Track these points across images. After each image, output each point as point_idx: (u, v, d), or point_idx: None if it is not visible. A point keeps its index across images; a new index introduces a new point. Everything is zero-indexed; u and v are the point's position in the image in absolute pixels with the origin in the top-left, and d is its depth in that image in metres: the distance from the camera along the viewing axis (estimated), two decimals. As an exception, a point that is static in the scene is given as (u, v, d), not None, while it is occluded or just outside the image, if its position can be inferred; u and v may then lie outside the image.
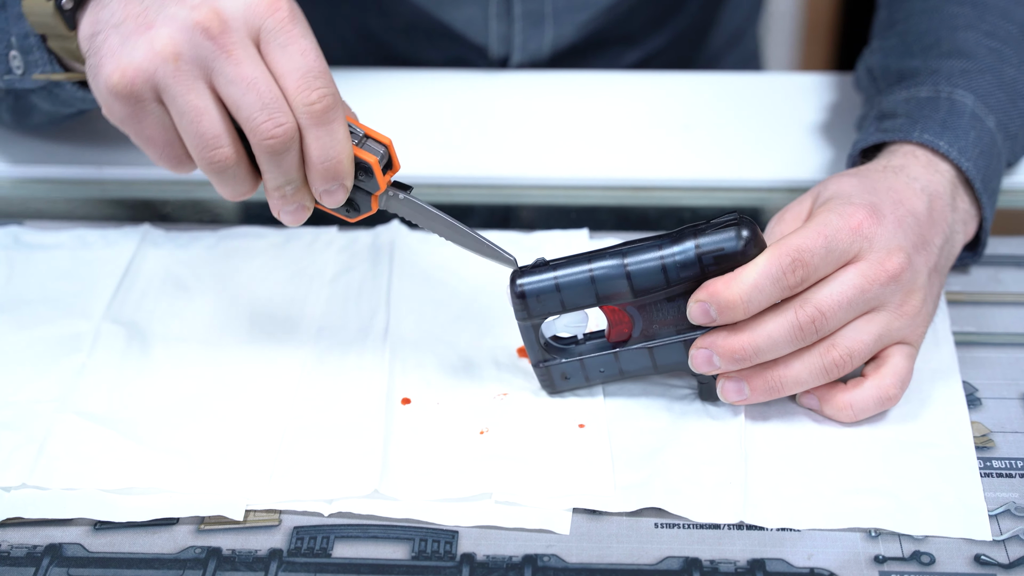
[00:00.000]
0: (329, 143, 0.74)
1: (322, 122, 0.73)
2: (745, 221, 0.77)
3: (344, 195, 0.76)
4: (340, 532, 0.75)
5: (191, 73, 0.72)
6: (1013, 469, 0.78)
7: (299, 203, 0.77)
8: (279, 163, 0.74)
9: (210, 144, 0.73)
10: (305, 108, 0.73)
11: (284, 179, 0.75)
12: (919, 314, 0.80)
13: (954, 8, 0.98)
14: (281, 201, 0.76)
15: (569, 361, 0.81)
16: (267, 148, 0.73)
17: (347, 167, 0.75)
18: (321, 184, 0.75)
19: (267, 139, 0.73)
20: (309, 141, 0.74)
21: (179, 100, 0.73)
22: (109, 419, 0.82)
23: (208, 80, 0.73)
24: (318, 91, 0.73)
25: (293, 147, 0.74)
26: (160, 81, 0.72)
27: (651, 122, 1.09)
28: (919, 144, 0.87)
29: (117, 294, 0.92)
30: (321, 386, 0.84)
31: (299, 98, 0.73)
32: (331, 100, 0.73)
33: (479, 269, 0.93)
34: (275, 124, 0.73)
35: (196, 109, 0.73)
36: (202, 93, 0.73)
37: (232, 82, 0.72)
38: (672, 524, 0.75)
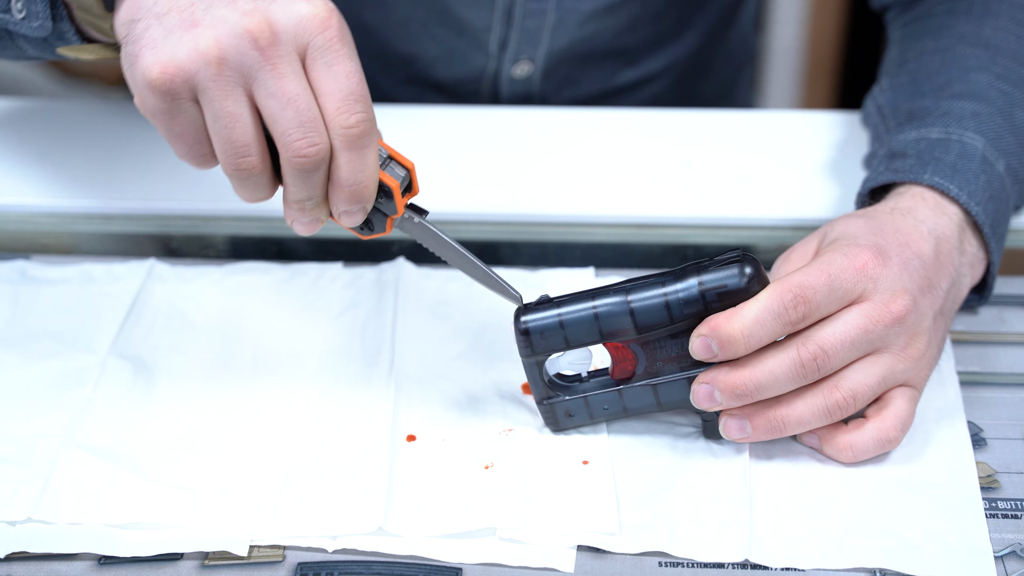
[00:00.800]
0: (359, 167, 0.74)
1: (356, 147, 0.73)
2: (748, 258, 0.77)
3: (363, 217, 0.77)
4: (344, 568, 0.75)
5: (232, 79, 0.72)
6: (1019, 510, 0.78)
7: (315, 216, 0.77)
8: (306, 180, 0.74)
9: (239, 152, 0.73)
10: (342, 130, 0.73)
11: (307, 195, 0.75)
12: (923, 357, 0.80)
13: (966, 49, 0.98)
14: (299, 212, 0.76)
15: (573, 398, 0.81)
16: (297, 165, 0.73)
17: (372, 191, 0.75)
18: (344, 205, 0.75)
19: (299, 157, 0.73)
20: (340, 163, 0.74)
21: (215, 104, 0.72)
22: (114, 454, 0.82)
23: (247, 88, 0.72)
24: (357, 115, 0.73)
25: (323, 167, 0.74)
26: (200, 83, 0.72)
27: (656, 159, 1.10)
28: (928, 186, 0.87)
29: (123, 329, 0.92)
30: (326, 422, 0.85)
31: (338, 119, 0.73)
32: (368, 126, 0.74)
33: (484, 305, 0.94)
34: (309, 143, 0.73)
35: (231, 116, 0.72)
36: (239, 100, 0.72)
37: (273, 95, 0.72)
38: (676, 563, 0.75)
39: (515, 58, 1.19)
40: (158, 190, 1.06)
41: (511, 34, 1.17)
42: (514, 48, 1.18)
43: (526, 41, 1.18)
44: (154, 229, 1.05)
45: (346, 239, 1.03)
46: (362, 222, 0.77)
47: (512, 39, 1.17)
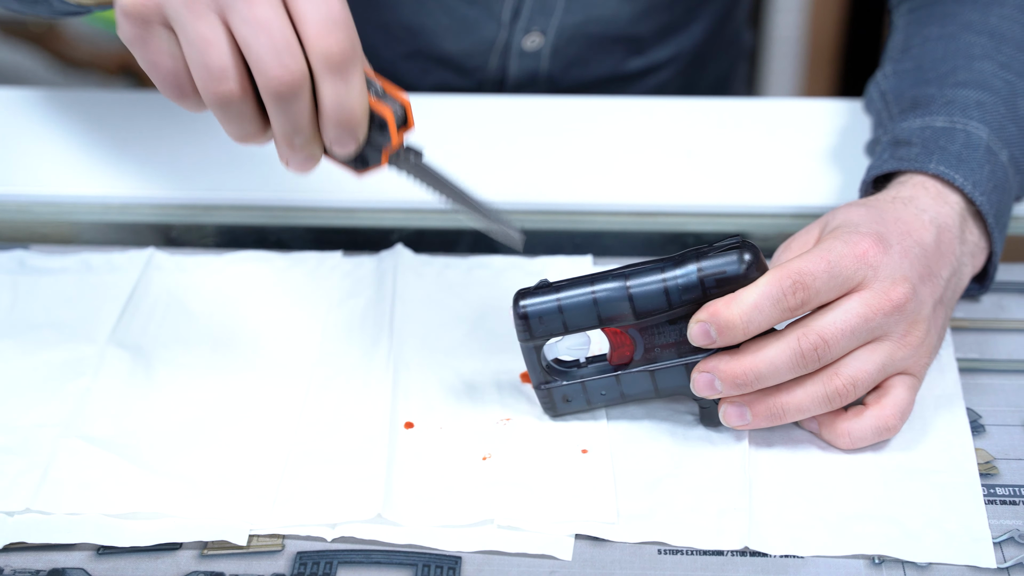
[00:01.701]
0: (344, 93, 0.72)
1: (339, 70, 0.72)
2: (747, 244, 0.77)
3: (355, 147, 0.75)
4: (343, 557, 0.75)
5: (204, 3, 0.70)
6: (1017, 496, 0.78)
7: (308, 153, 0.75)
8: (287, 109, 0.72)
9: (215, 76, 0.71)
10: (322, 55, 0.71)
11: (292, 127, 0.73)
12: (922, 345, 0.80)
13: (971, 37, 0.98)
14: (289, 150, 0.75)
15: (571, 383, 0.81)
16: (273, 92, 0.71)
17: (361, 118, 0.73)
18: (333, 132, 0.73)
19: (273, 81, 0.71)
20: (324, 89, 0.72)
21: (188, 28, 0.71)
22: (113, 444, 0.82)
23: (221, 15, 0.71)
24: (337, 38, 0.71)
25: (302, 94, 0.72)
26: (171, 8, 0.71)
27: (655, 147, 1.10)
28: (930, 175, 0.87)
29: (122, 318, 0.92)
30: (325, 410, 0.85)
31: (318, 44, 0.71)
32: (350, 50, 0.72)
33: (482, 293, 0.94)
34: (284, 69, 0.71)
35: (204, 39, 0.71)
36: (213, 24, 0.71)
37: (246, 21, 0.70)
38: (675, 551, 0.75)
39: (527, 28, 1.18)
40: (157, 179, 1.06)
41: (525, 2, 1.16)
42: (527, 17, 1.17)
43: (539, 11, 1.17)
44: (153, 218, 1.05)
45: (345, 227, 1.03)
46: (356, 155, 0.76)
47: (526, 7, 1.16)
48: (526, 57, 1.20)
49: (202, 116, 1.13)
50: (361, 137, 0.74)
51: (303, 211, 1.04)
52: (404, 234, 1.01)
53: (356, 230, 1.03)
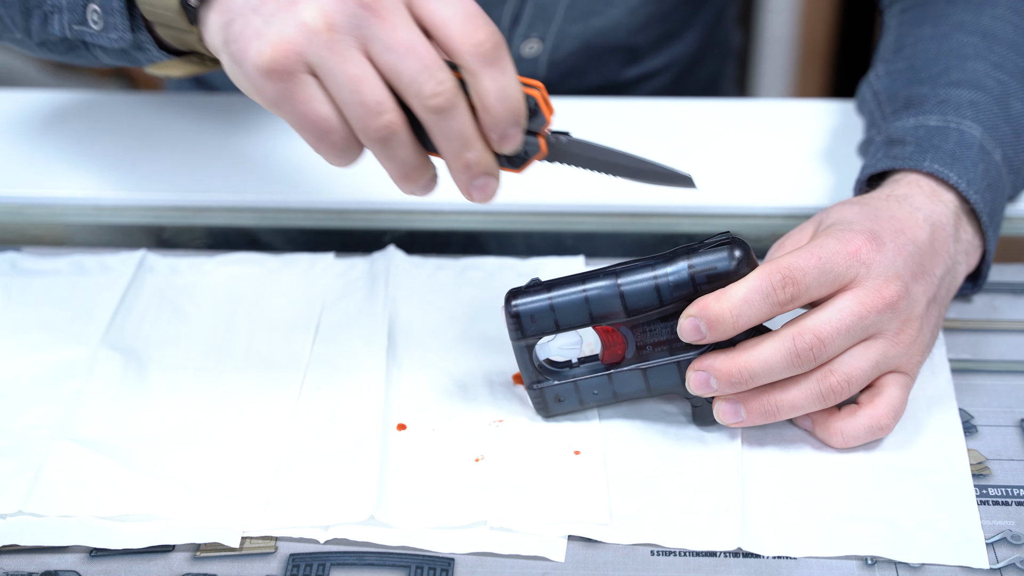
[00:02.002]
0: (504, 82, 0.72)
1: (494, 60, 0.71)
2: (737, 241, 0.77)
3: (521, 136, 0.74)
4: (336, 559, 0.75)
5: (345, 43, 0.70)
6: (1009, 497, 0.78)
7: (485, 172, 0.74)
8: (449, 124, 0.72)
9: (373, 111, 0.71)
10: (475, 49, 0.71)
11: (460, 142, 0.73)
12: (915, 343, 0.80)
13: (964, 37, 0.98)
14: (467, 173, 0.74)
15: (563, 383, 0.81)
16: (433, 108, 0.71)
17: (523, 104, 0.73)
18: (502, 128, 0.73)
19: (432, 97, 0.70)
20: (484, 83, 0.71)
21: (336, 71, 0.70)
22: (106, 446, 0.81)
23: (363, 49, 0.71)
24: (484, 30, 0.71)
25: (460, 103, 0.72)
26: (314, 55, 0.70)
27: (648, 147, 1.09)
28: (924, 173, 0.87)
29: (114, 320, 0.92)
30: (317, 412, 0.84)
31: (468, 40, 0.71)
32: (498, 38, 0.71)
33: (475, 294, 0.94)
34: (437, 83, 0.70)
35: (355, 78, 0.70)
36: (358, 61, 0.70)
37: (390, 48, 0.70)
38: (668, 552, 0.75)
39: (526, 34, 1.17)
40: (149, 181, 1.06)
41: (525, 7, 1.16)
42: (526, 23, 1.17)
43: (539, 16, 1.17)
44: (145, 220, 1.05)
45: (337, 229, 1.03)
46: (521, 146, 0.75)
47: (526, 13, 1.16)
48: (523, 64, 1.20)
49: (195, 117, 1.13)
50: (524, 124, 0.74)
51: (295, 212, 1.04)
52: (396, 235, 1.01)
53: (348, 231, 1.03)
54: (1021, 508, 0.77)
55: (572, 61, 1.21)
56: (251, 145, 1.10)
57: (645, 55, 1.25)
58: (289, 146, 1.09)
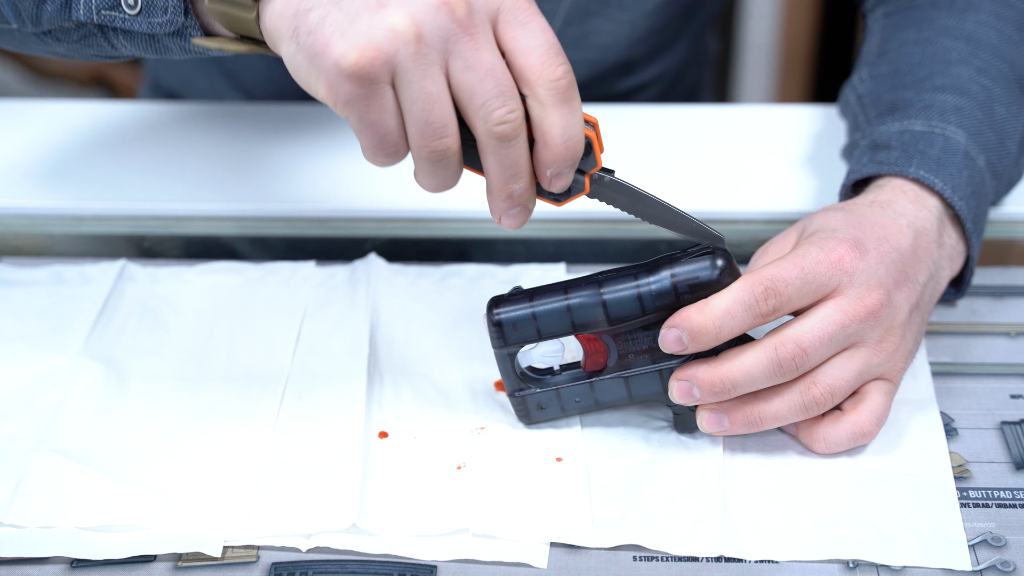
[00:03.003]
0: (572, 121, 0.72)
1: (566, 99, 0.71)
2: (719, 250, 0.77)
3: (571, 177, 0.74)
4: (318, 568, 0.75)
5: (430, 57, 0.69)
6: (990, 499, 0.78)
7: (524, 205, 0.75)
8: (507, 153, 0.72)
9: (437, 133, 0.71)
10: (551, 84, 0.71)
11: (511, 172, 0.73)
12: (897, 351, 0.81)
13: (948, 42, 0.98)
14: (508, 202, 0.74)
15: (545, 391, 0.81)
16: (498, 134, 0.71)
17: (582, 145, 0.73)
18: (558, 166, 0.73)
19: (500, 124, 0.70)
20: (552, 121, 0.71)
21: (415, 86, 0.70)
22: (86, 456, 0.81)
23: (444, 65, 0.70)
24: (562, 67, 0.71)
25: (522, 134, 0.72)
26: (399, 64, 0.69)
27: (629, 154, 1.10)
28: (908, 179, 0.87)
29: (94, 330, 0.92)
30: (299, 421, 0.84)
31: (544, 74, 0.71)
32: (572, 76, 0.72)
33: (456, 302, 0.94)
34: (508, 110, 0.70)
35: (430, 96, 0.70)
36: (437, 79, 0.70)
37: (471, 68, 0.70)
38: (651, 557, 0.75)
39: None
40: (130, 191, 1.06)
41: None
42: None
43: None
44: (126, 230, 1.04)
45: (318, 237, 1.03)
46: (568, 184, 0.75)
47: None
48: None
49: (175, 127, 1.13)
50: (577, 164, 0.74)
51: (276, 221, 1.04)
52: (377, 243, 1.01)
53: (329, 240, 1.03)
54: (1001, 510, 0.77)
55: None
56: (231, 154, 1.10)
57: (639, 67, 1.26)
58: (270, 155, 1.09)
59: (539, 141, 0.72)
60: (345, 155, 1.08)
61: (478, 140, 0.72)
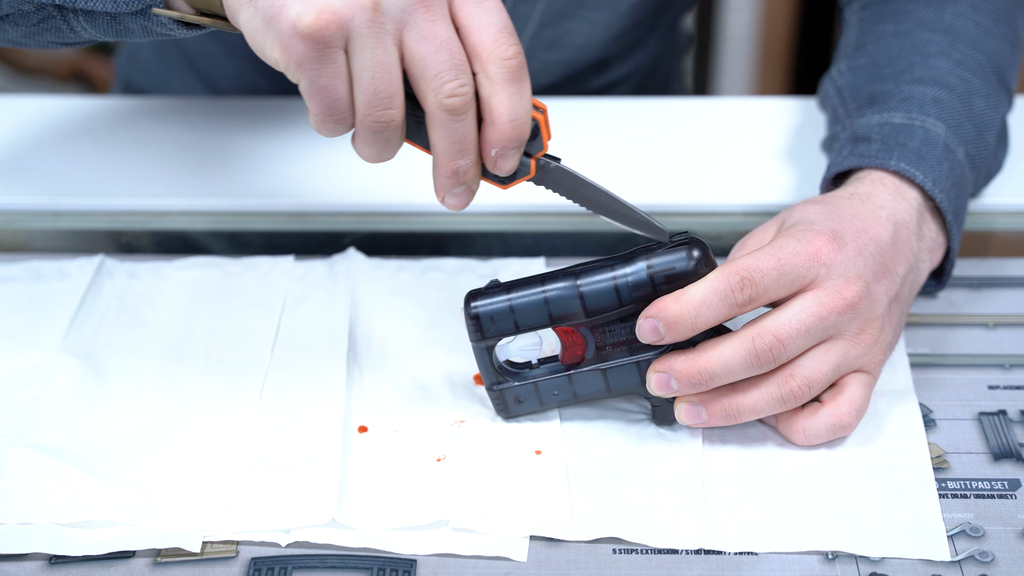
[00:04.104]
0: (520, 101, 0.72)
1: (517, 79, 0.72)
2: (696, 241, 0.78)
3: (518, 159, 0.74)
4: (298, 562, 0.75)
5: (385, 27, 0.70)
6: (968, 490, 0.79)
7: (468, 184, 0.75)
8: (456, 127, 0.72)
9: (383, 103, 0.71)
10: (503, 63, 0.71)
11: (459, 147, 0.73)
12: (876, 343, 0.81)
13: (926, 34, 0.98)
14: (453, 180, 0.74)
15: (523, 384, 0.81)
16: (449, 107, 0.71)
17: (529, 127, 0.73)
18: (506, 145, 0.73)
19: (451, 97, 0.71)
20: (500, 99, 0.72)
21: (367, 53, 0.70)
22: (64, 452, 0.81)
23: (398, 35, 0.70)
24: (514, 47, 0.72)
25: (472, 110, 0.72)
26: (354, 30, 0.70)
27: (608, 147, 1.10)
28: (888, 171, 0.87)
29: (72, 326, 0.91)
30: (278, 415, 0.84)
31: (496, 52, 0.71)
32: (523, 58, 0.72)
33: (435, 296, 0.94)
34: (460, 84, 0.71)
35: (381, 65, 0.70)
36: (390, 49, 0.70)
37: (425, 39, 0.70)
38: (630, 550, 0.75)
39: None
40: (107, 186, 1.05)
41: None
42: None
43: None
44: (104, 225, 1.04)
45: (297, 231, 1.03)
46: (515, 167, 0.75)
47: None
48: None
49: (152, 121, 1.12)
50: (523, 147, 0.74)
51: (254, 216, 1.04)
52: (356, 237, 1.01)
53: (308, 234, 1.03)
54: (980, 501, 0.78)
55: (544, 73, 1.21)
56: (210, 150, 1.09)
57: (613, 64, 1.26)
58: (249, 150, 1.08)
59: (487, 120, 0.73)
60: (324, 150, 1.08)
61: (428, 113, 0.72)
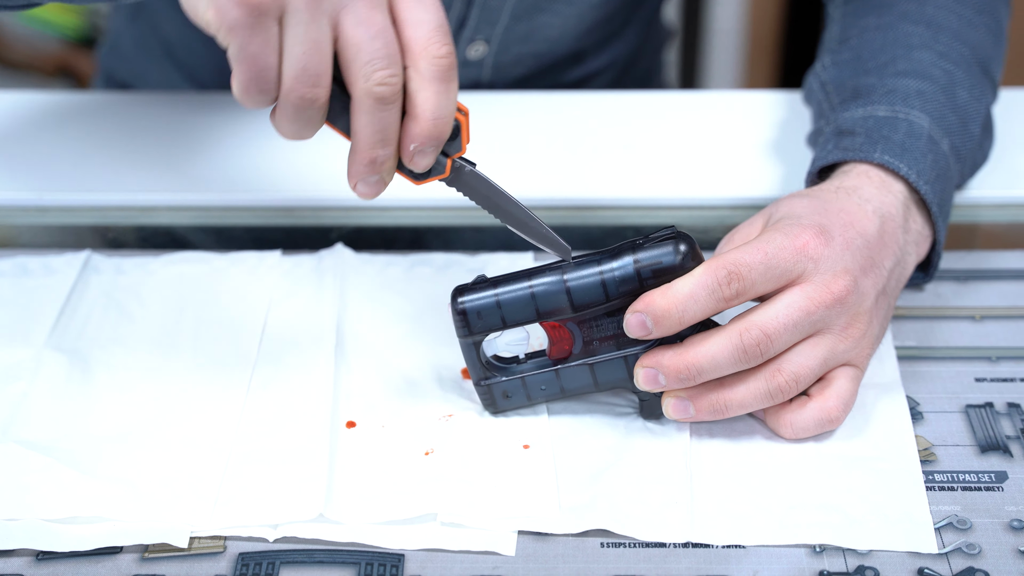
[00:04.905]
0: (445, 100, 0.72)
1: (445, 78, 0.72)
2: (682, 235, 0.78)
3: (434, 158, 0.75)
4: (285, 557, 0.75)
5: (323, 5, 0.70)
6: (955, 482, 0.79)
7: (382, 175, 0.75)
8: (381, 115, 0.72)
9: (310, 81, 0.71)
10: (434, 60, 0.71)
11: (380, 136, 0.73)
12: (864, 337, 0.81)
13: (909, 27, 0.98)
14: (368, 168, 0.74)
15: (510, 379, 0.81)
16: (377, 95, 0.71)
17: (450, 127, 0.74)
18: (425, 141, 0.73)
19: (381, 85, 0.71)
20: (427, 95, 0.72)
21: (301, 28, 0.70)
22: (51, 448, 0.81)
23: (335, 16, 0.70)
24: (447, 47, 0.72)
25: (397, 102, 0.72)
26: (291, 3, 0.70)
27: (594, 141, 1.10)
28: (874, 164, 0.88)
29: (59, 321, 0.91)
30: (266, 411, 0.84)
31: (430, 49, 0.71)
32: (454, 59, 0.72)
33: (423, 291, 0.94)
34: (391, 74, 0.71)
35: (313, 43, 0.70)
36: (324, 29, 0.70)
37: (362, 24, 0.70)
38: (618, 543, 0.75)
39: (472, 37, 1.17)
40: (94, 181, 1.05)
41: (472, 9, 1.15)
42: (472, 26, 1.16)
43: (485, 20, 1.16)
44: (90, 220, 1.04)
45: (284, 226, 1.03)
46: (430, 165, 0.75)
47: (472, 15, 1.16)
48: (469, 67, 1.19)
49: (138, 116, 1.12)
50: (441, 146, 0.75)
51: (241, 211, 1.04)
52: (343, 232, 1.01)
53: (295, 229, 1.03)
54: (967, 493, 0.78)
55: (518, 65, 1.21)
56: (196, 144, 1.09)
57: (588, 56, 1.26)
58: (235, 145, 1.08)
59: (410, 114, 0.73)
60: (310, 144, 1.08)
61: (354, 98, 0.72)
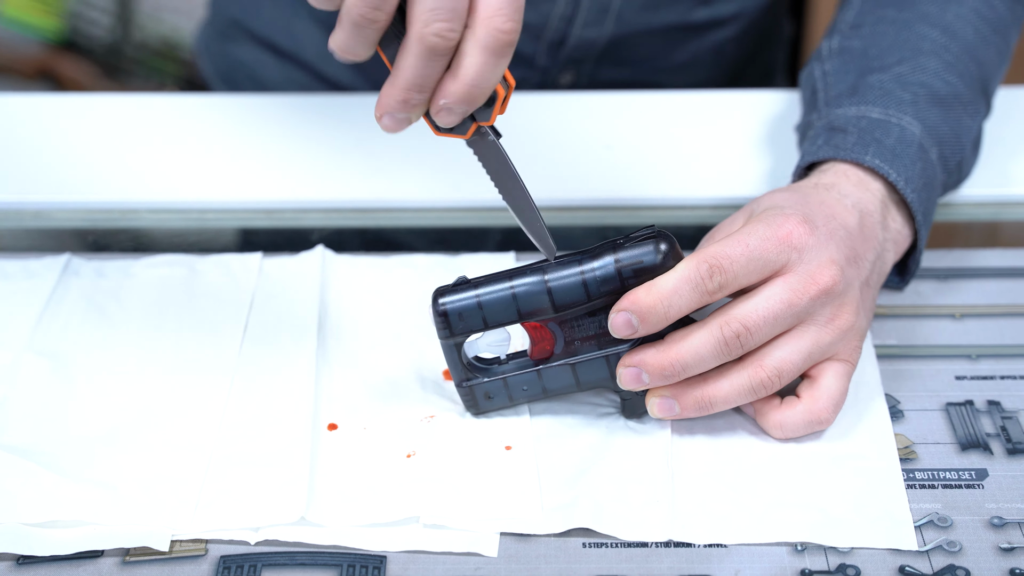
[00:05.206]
0: (492, 73, 0.72)
1: (500, 52, 0.72)
2: (663, 234, 0.78)
3: (461, 118, 0.75)
4: (267, 560, 0.75)
5: None
6: (935, 480, 0.79)
7: (410, 116, 0.74)
8: (426, 64, 0.72)
9: (375, 3, 0.71)
10: (494, 31, 0.71)
11: (420, 81, 0.73)
12: (851, 328, 0.81)
13: (924, 29, 0.98)
14: (400, 105, 0.74)
15: (492, 380, 0.81)
16: (429, 44, 0.71)
17: (485, 97, 0.74)
18: (454, 102, 0.73)
19: (436, 36, 0.71)
20: (477, 60, 0.72)
21: None
22: (32, 451, 0.81)
23: None
24: (512, 23, 0.72)
25: (446, 57, 0.72)
26: None
27: (576, 141, 1.10)
28: (853, 163, 0.88)
29: (39, 325, 0.91)
30: (247, 413, 0.84)
31: (495, 20, 0.71)
32: (516, 37, 0.72)
33: (404, 292, 0.94)
34: (450, 28, 0.71)
35: None
36: None
37: None
38: (600, 543, 0.75)
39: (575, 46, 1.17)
40: (74, 184, 1.05)
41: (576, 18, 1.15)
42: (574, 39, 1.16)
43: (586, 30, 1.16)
44: (70, 223, 1.04)
45: (265, 228, 1.03)
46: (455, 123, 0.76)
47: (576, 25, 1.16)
48: None
49: (118, 119, 1.12)
50: (470, 112, 0.75)
51: (222, 213, 1.04)
52: (325, 234, 1.01)
53: (276, 231, 1.03)
54: (947, 491, 0.78)
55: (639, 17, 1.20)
56: (175, 146, 1.09)
57: None
58: (214, 146, 1.08)
59: (452, 71, 0.73)
60: (291, 146, 1.08)
61: (408, 38, 0.72)
